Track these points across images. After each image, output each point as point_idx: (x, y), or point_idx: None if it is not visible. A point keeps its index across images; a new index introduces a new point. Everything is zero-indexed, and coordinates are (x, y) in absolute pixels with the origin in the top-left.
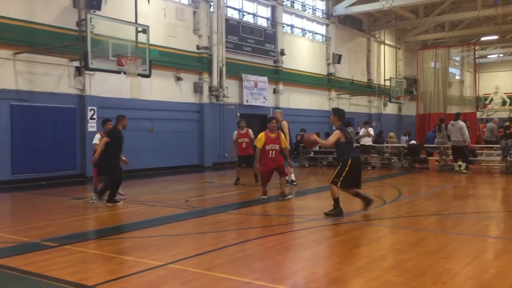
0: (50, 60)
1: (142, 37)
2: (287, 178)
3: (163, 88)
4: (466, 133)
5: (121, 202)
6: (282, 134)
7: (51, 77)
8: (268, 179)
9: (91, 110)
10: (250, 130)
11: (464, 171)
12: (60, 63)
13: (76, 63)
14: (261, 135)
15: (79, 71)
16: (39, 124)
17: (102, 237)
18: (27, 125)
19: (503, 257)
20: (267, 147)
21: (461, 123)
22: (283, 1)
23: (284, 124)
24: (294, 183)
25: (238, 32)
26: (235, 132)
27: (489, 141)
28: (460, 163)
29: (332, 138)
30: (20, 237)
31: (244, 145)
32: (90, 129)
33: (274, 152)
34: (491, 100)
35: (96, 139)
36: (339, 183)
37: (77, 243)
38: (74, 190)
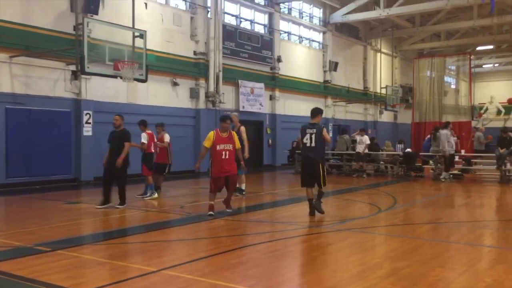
0: (46, 64)
1: (139, 42)
2: (237, 185)
3: (159, 93)
4: (444, 141)
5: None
6: (235, 134)
7: (47, 80)
8: (219, 187)
9: (86, 114)
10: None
11: (444, 179)
12: (56, 67)
13: (73, 67)
14: (210, 133)
15: (75, 75)
16: (34, 127)
17: (96, 242)
18: (22, 129)
19: (498, 266)
20: (218, 147)
21: (443, 131)
22: (281, 8)
23: (243, 129)
24: (243, 193)
25: (235, 38)
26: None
27: (478, 150)
28: (455, 172)
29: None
30: (13, 241)
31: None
32: (85, 133)
33: (227, 153)
34: (486, 109)
35: (144, 138)
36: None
37: (70, 248)
38: (68, 194)
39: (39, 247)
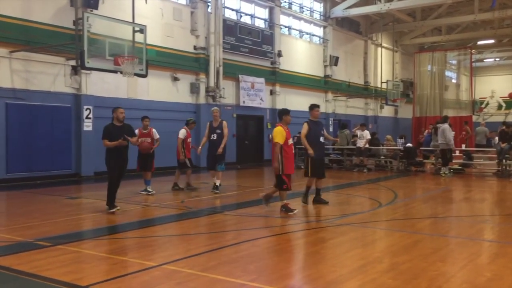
0: (47, 59)
1: (139, 37)
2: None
3: (159, 88)
4: (448, 135)
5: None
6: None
7: (47, 75)
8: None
9: (87, 109)
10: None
11: (444, 174)
12: (57, 62)
13: (73, 62)
14: (279, 129)
15: (75, 70)
16: (34, 122)
17: (96, 237)
18: (23, 124)
19: (498, 260)
20: (289, 142)
21: (444, 126)
22: (281, 3)
23: (225, 124)
24: (218, 191)
25: (236, 33)
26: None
27: (479, 145)
28: (455, 166)
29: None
30: (14, 236)
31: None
32: (85, 129)
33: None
34: (487, 104)
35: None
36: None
37: (71, 243)
38: (68, 190)
39: (40, 242)
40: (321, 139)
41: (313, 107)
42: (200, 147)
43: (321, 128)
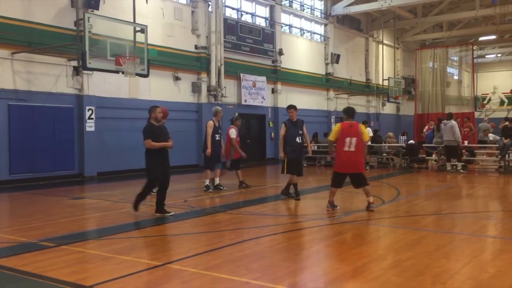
0: (48, 60)
1: (140, 37)
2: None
3: (161, 88)
4: (457, 132)
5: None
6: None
7: (49, 76)
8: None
9: (89, 110)
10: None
11: (461, 170)
12: (58, 63)
13: (74, 63)
14: (337, 126)
15: (77, 71)
16: (37, 124)
17: (100, 237)
18: (25, 125)
19: (502, 256)
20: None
21: (452, 122)
22: (282, 1)
23: (208, 124)
24: (210, 189)
25: (237, 32)
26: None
27: (482, 141)
28: (454, 162)
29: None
30: (18, 237)
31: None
32: (88, 129)
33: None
34: (489, 100)
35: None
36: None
37: (75, 243)
38: (72, 190)
39: (44, 243)
40: (298, 139)
41: (289, 107)
42: (209, 149)
43: (299, 128)
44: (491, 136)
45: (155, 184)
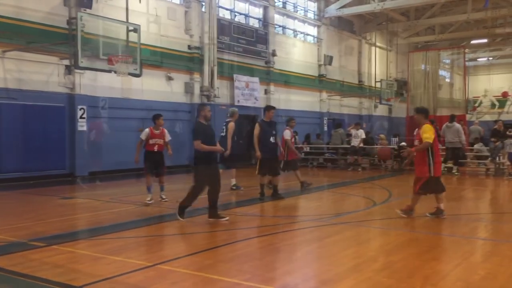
0: (40, 59)
1: (133, 37)
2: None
3: (154, 88)
4: (463, 135)
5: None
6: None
7: (41, 75)
8: None
9: (80, 109)
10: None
11: (456, 173)
12: (50, 62)
13: (66, 62)
14: (428, 126)
15: (69, 70)
16: (28, 122)
17: (91, 237)
18: (16, 124)
19: (492, 259)
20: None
21: (457, 125)
22: (275, 2)
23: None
24: (241, 188)
25: (230, 33)
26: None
27: (473, 144)
28: (449, 165)
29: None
30: (7, 237)
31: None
32: (79, 128)
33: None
34: (480, 103)
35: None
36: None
37: (65, 243)
38: (62, 190)
39: (33, 242)
40: (271, 139)
41: (269, 108)
42: (228, 151)
43: (273, 128)
44: (476, 146)
45: (203, 188)
